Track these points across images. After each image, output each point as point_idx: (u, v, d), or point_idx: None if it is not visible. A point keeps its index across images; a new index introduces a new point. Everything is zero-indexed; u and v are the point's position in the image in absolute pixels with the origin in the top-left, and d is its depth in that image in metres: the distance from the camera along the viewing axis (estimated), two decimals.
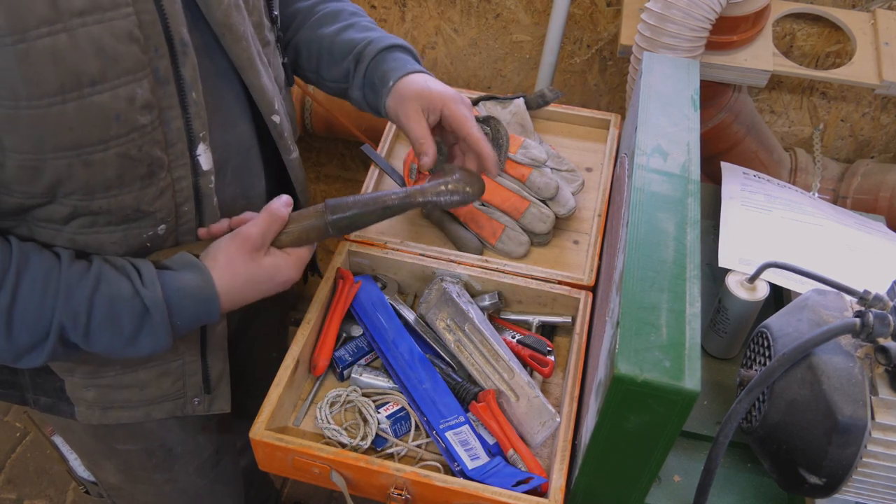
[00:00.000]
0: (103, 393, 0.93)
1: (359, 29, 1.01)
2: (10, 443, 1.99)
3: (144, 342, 0.79)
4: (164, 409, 0.96)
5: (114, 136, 0.71)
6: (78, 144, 0.69)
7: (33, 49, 0.63)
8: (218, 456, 1.15)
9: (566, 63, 1.67)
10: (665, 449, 0.73)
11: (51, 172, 0.70)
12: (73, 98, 0.67)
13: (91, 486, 1.54)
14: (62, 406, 0.95)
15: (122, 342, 0.78)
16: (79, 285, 0.75)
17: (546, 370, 1.01)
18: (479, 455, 0.92)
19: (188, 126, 0.77)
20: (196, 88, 0.77)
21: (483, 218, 1.09)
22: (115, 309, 0.77)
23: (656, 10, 1.19)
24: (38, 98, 0.65)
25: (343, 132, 1.75)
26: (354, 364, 1.02)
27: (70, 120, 0.67)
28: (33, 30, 0.63)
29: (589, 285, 1.05)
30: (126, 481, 1.13)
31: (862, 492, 0.78)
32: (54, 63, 0.64)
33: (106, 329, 0.77)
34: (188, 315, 0.80)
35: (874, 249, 1.07)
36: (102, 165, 0.72)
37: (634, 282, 0.74)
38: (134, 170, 0.74)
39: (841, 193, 1.49)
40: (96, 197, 0.74)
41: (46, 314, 0.74)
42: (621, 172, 1.03)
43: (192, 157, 0.80)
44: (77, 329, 0.76)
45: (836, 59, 1.49)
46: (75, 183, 0.72)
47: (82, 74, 0.66)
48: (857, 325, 0.74)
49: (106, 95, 0.68)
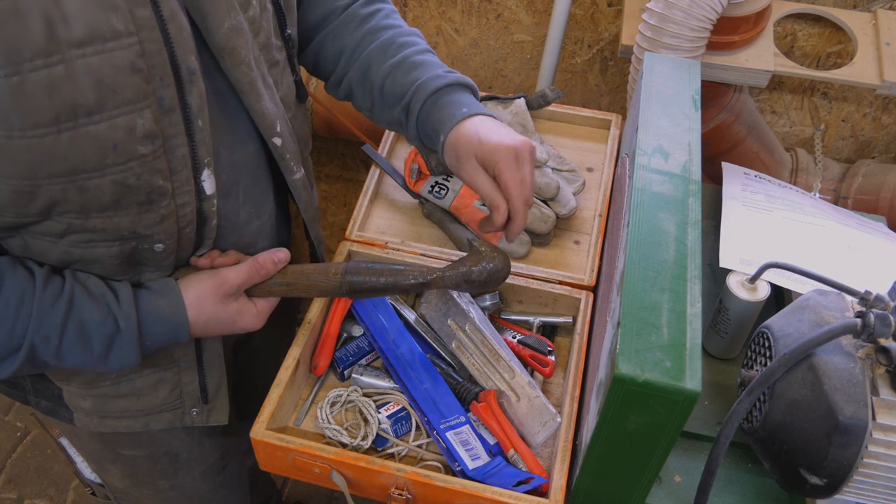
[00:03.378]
0: (100, 402, 0.93)
1: (407, 68, 0.94)
2: (10, 442, 1.99)
3: (114, 360, 0.81)
4: (162, 420, 0.96)
5: (110, 165, 0.69)
6: (72, 172, 0.68)
7: (27, 81, 0.61)
8: (224, 461, 1.15)
9: (567, 63, 1.67)
10: (666, 449, 0.73)
11: (45, 196, 0.69)
12: (68, 128, 0.65)
13: (98, 488, 1.53)
14: (62, 411, 0.95)
15: (92, 360, 0.80)
16: (52, 310, 0.76)
17: (547, 370, 1.01)
18: (479, 455, 0.92)
19: (193, 153, 0.76)
20: (202, 116, 0.75)
21: None
22: (86, 331, 0.78)
23: (657, 11, 1.19)
24: (32, 128, 0.63)
25: (344, 132, 1.75)
26: (355, 364, 1.02)
27: (64, 149, 0.66)
28: (28, 62, 0.61)
29: (590, 285, 1.05)
30: (131, 486, 1.13)
31: (863, 492, 0.78)
32: (49, 95, 0.63)
33: (76, 349, 0.78)
34: (157, 337, 0.82)
35: (875, 250, 1.07)
36: (97, 191, 0.71)
37: (635, 282, 0.74)
38: (131, 196, 0.73)
39: (842, 194, 1.49)
40: (91, 217, 0.73)
41: (18, 334, 0.75)
42: (622, 173, 1.03)
43: (197, 183, 0.79)
44: (48, 349, 0.77)
45: (837, 60, 1.49)
46: (69, 205, 0.71)
47: (78, 106, 0.65)
48: (858, 326, 0.74)
49: (103, 126, 0.67)
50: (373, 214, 1.17)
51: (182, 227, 0.80)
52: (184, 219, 0.80)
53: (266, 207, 0.95)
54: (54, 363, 0.78)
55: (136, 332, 0.80)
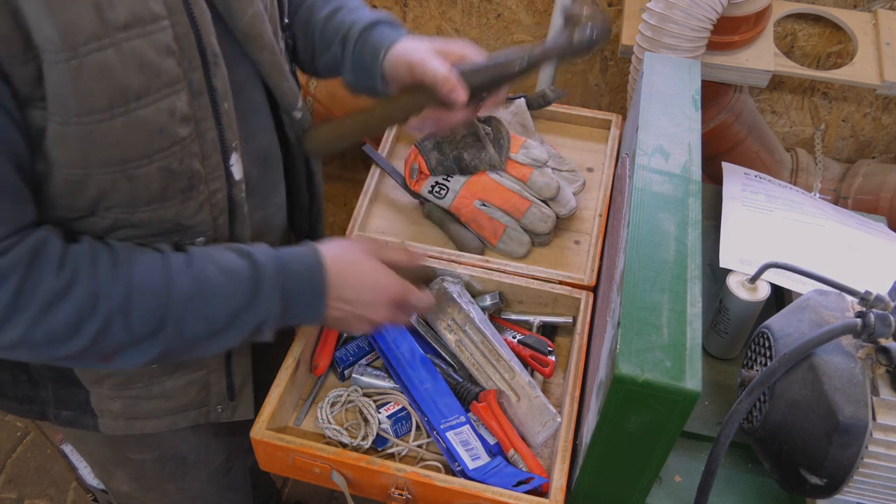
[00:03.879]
0: (130, 404, 0.93)
1: (347, 11, 1.00)
2: (10, 442, 1.99)
3: (260, 305, 0.79)
4: (188, 418, 0.96)
5: (157, 150, 0.72)
6: (123, 160, 0.70)
7: (84, 65, 0.63)
8: (229, 463, 1.15)
9: (567, 63, 1.67)
10: (666, 449, 0.73)
11: (95, 187, 0.71)
12: (121, 114, 0.67)
13: (100, 495, 1.53)
14: (85, 419, 0.94)
15: (239, 307, 0.78)
16: (186, 266, 0.77)
17: (547, 370, 1.01)
18: (479, 455, 0.92)
19: (221, 137, 0.78)
20: (227, 99, 0.78)
21: (484, 218, 1.09)
22: (224, 280, 0.78)
23: (657, 11, 1.19)
24: (88, 114, 0.65)
25: None
26: (355, 364, 1.02)
27: (117, 135, 0.68)
28: (83, 46, 0.63)
29: (590, 285, 1.05)
30: (138, 490, 1.13)
31: (863, 492, 0.78)
32: (103, 79, 0.65)
33: (221, 302, 0.77)
34: (298, 276, 0.82)
35: (875, 250, 1.07)
36: (146, 180, 0.73)
37: (635, 282, 0.74)
38: (175, 183, 0.75)
39: (842, 194, 1.49)
40: (137, 211, 0.75)
41: (162, 301, 0.75)
42: (622, 173, 1.03)
43: (226, 168, 0.80)
44: (193, 308, 0.76)
45: (837, 60, 1.49)
46: (118, 197, 0.73)
47: (128, 89, 0.67)
48: (858, 326, 0.74)
49: (150, 109, 0.69)
50: (373, 214, 1.17)
51: (215, 216, 0.82)
52: (216, 207, 0.81)
53: (271, 200, 0.96)
54: (202, 327, 0.78)
55: (276, 264, 0.80)
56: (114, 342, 0.74)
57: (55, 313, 0.70)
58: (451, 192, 1.11)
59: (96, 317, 0.72)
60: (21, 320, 0.70)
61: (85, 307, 0.72)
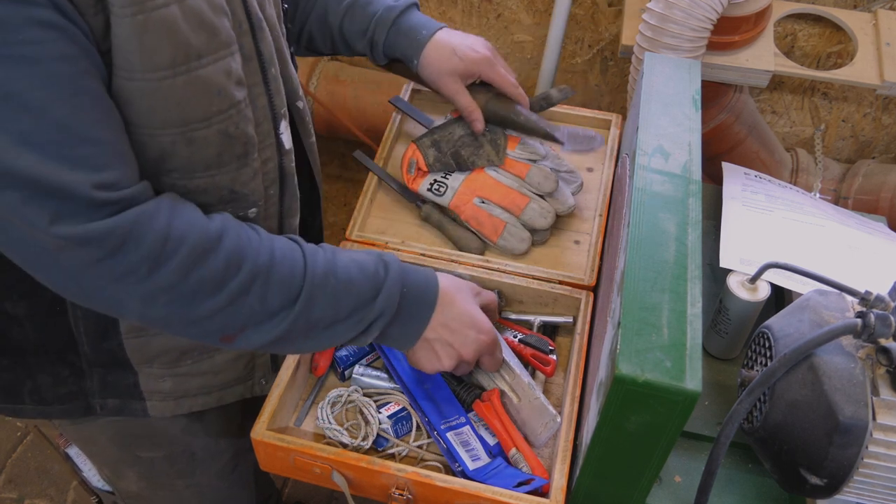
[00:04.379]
0: (180, 382, 0.93)
1: (362, 5, 1.05)
2: (11, 442, 1.99)
3: (378, 302, 0.79)
4: (235, 393, 0.97)
5: (215, 113, 0.72)
6: (184, 121, 0.70)
7: (150, 20, 0.64)
8: (236, 459, 1.15)
9: (567, 63, 1.67)
10: (666, 449, 0.73)
11: (155, 149, 0.71)
12: (183, 72, 0.68)
13: (105, 496, 1.52)
14: (133, 404, 0.94)
15: (362, 302, 0.78)
16: (318, 250, 0.78)
17: (548, 369, 1.01)
18: (479, 456, 0.92)
19: (271, 103, 0.79)
20: (274, 64, 0.79)
21: (483, 215, 1.09)
22: (354, 268, 0.78)
23: (658, 11, 1.20)
24: (152, 71, 0.66)
25: (344, 132, 1.75)
26: (356, 364, 1.02)
27: (179, 94, 0.68)
28: (150, 1, 0.63)
29: (590, 285, 1.05)
30: (147, 488, 1.13)
31: (863, 492, 0.78)
32: (168, 35, 0.65)
33: (349, 289, 0.78)
34: (416, 288, 0.82)
35: (875, 250, 1.07)
36: (204, 143, 0.73)
37: (636, 282, 0.74)
38: (231, 148, 0.76)
39: (842, 194, 1.49)
40: (195, 176, 0.75)
41: (298, 276, 0.75)
42: (622, 173, 1.03)
43: (276, 136, 0.81)
44: (326, 290, 0.76)
45: (837, 60, 1.49)
46: (177, 161, 0.73)
47: (189, 47, 0.67)
48: (858, 326, 0.74)
49: (209, 69, 0.70)
50: (373, 215, 1.17)
51: (267, 186, 0.82)
52: (268, 176, 0.82)
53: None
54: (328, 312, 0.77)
55: (400, 267, 0.81)
56: (247, 311, 0.73)
57: (208, 260, 0.70)
58: (451, 190, 1.11)
59: (241, 274, 0.71)
60: (174, 261, 0.68)
61: (232, 260, 0.71)
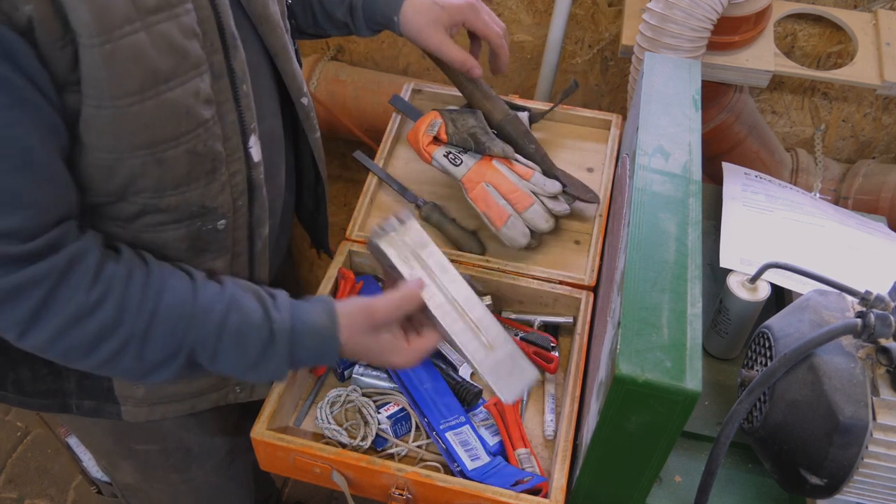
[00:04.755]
0: (153, 389, 0.93)
1: None
2: (11, 442, 1.99)
3: (265, 369, 0.80)
4: (209, 400, 0.97)
5: (184, 133, 0.72)
6: (153, 142, 0.71)
7: (118, 49, 0.64)
8: (232, 455, 1.15)
9: (568, 63, 1.67)
10: (666, 449, 0.73)
11: (125, 171, 0.71)
12: (151, 96, 0.68)
13: (104, 486, 1.53)
14: (107, 407, 0.94)
15: (245, 366, 0.79)
16: (212, 310, 0.76)
17: (551, 366, 1.01)
18: (479, 455, 0.92)
19: (241, 119, 0.79)
20: (246, 81, 0.79)
21: (491, 199, 1.07)
22: (242, 334, 0.78)
23: (658, 11, 1.19)
24: (120, 97, 0.66)
25: (344, 131, 1.75)
26: (355, 364, 1.02)
27: (147, 118, 0.69)
28: (117, 29, 0.64)
29: (590, 285, 1.05)
30: (142, 481, 1.14)
31: (863, 492, 0.78)
32: (136, 62, 0.66)
33: (232, 353, 0.78)
34: (309, 351, 0.81)
35: (875, 250, 1.07)
36: (173, 162, 0.73)
37: (636, 282, 0.74)
38: (200, 165, 0.76)
39: (842, 194, 1.49)
40: (166, 195, 0.76)
41: (178, 337, 0.75)
42: (622, 173, 1.03)
43: (245, 150, 0.81)
44: (205, 352, 0.77)
45: (837, 60, 1.49)
46: (147, 181, 0.73)
47: (158, 72, 0.68)
48: (858, 326, 0.74)
49: (177, 91, 0.70)
50: (373, 215, 1.17)
51: (235, 198, 0.82)
52: (236, 189, 0.82)
53: (274, 182, 0.97)
54: (209, 367, 0.79)
55: (289, 336, 0.79)
56: (124, 367, 0.75)
57: (78, 328, 0.71)
58: (465, 166, 1.08)
59: (114, 340, 0.73)
60: (45, 329, 0.71)
61: (106, 328, 0.72)
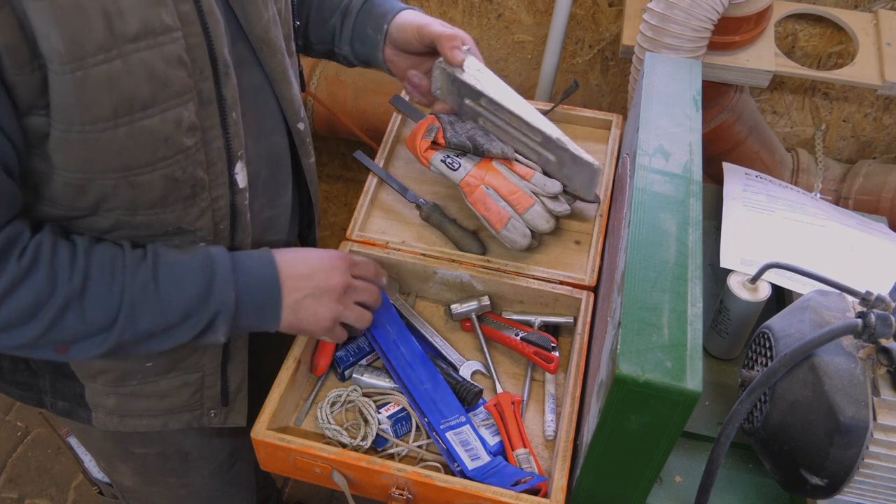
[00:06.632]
0: (123, 401, 0.93)
1: None
2: (11, 442, 1.99)
3: (211, 296, 0.78)
4: (181, 420, 0.96)
5: (161, 159, 0.72)
6: (126, 167, 0.70)
7: (90, 76, 0.63)
8: (233, 459, 1.15)
9: (568, 63, 1.67)
10: (667, 449, 0.73)
11: (96, 191, 0.71)
12: (125, 123, 0.67)
13: (105, 487, 1.53)
14: (79, 411, 0.94)
15: (191, 301, 0.78)
16: (142, 260, 0.76)
17: (552, 366, 1.01)
18: (479, 455, 0.92)
19: (228, 145, 0.78)
20: (236, 108, 0.78)
21: (491, 202, 1.07)
22: (178, 269, 0.77)
23: (658, 11, 1.19)
24: (91, 123, 0.66)
25: (344, 132, 1.75)
26: (355, 364, 1.02)
27: (120, 144, 0.68)
28: (91, 57, 0.63)
29: (590, 286, 1.05)
30: (141, 484, 1.13)
31: (863, 493, 0.78)
32: (109, 89, 0.65)
33: (174, 291, 0.77)
34: (250, 273, 0.81)
35: (876, 250, 1.07)
36: (148, 186, 0.73)
37: (636, 282, 0.74)
38: (178, 191, 0.75)
39: (843, 194, 1.49)
40: (139, 214, 0.75)
41: (116, 289, 0.74)
42: (623, 173, 1.03)
43: (230, 176, 0.80)
44: (146, 299, 0.75)
45: (838, 60, 1.49)
46: (119, 201, 0.73)
47: (134, 100, 0.67)
48: (859, 326, 0.74)
49: (155, 119, 0.69)
50: (373, 215, 1.17)
51: (217, 222, 0.82)
52: (218, 213, 0.81)
53: (280, 200, 0.97)
54: (157, 318, 0.77)
55: (229, 258, 0.79)
56: (69, 330, 0.74)
57: (14, 297, 0.70)
58: (463, 169, 1.09)
59: (53, 303, 0.72)
60: None
61: (42, 293, 0.71)
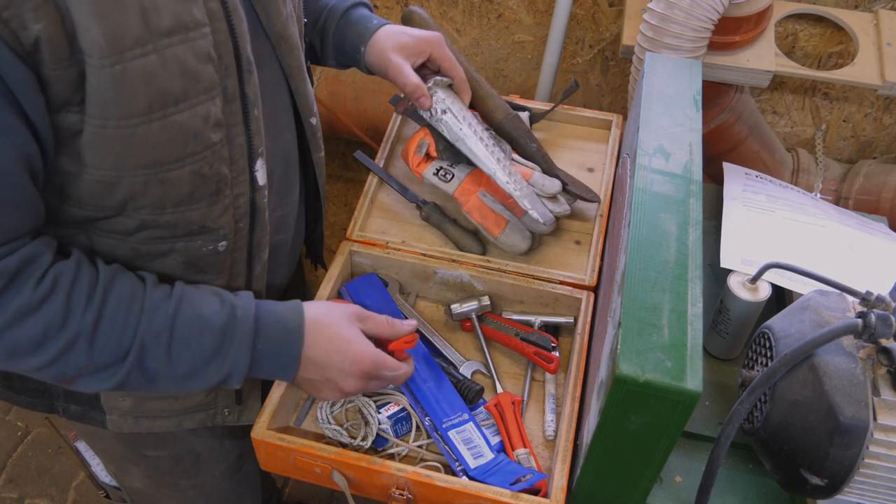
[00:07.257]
0: (139, 402, 0.93)
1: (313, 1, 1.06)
2: (11, 442, 1.99)
3: (225, 360, 0.78)
4: (195, 419, 0.96)
5: (189, 154, 0.72)
6: (157, 163, 0.71)
7: (128, 70, 0.64)
8: (242, 460, 1.16)
9: (568, 63, 1.67)
10: (667, 449, 0.73)
11: (126, 188, 0.71)
12: (158, 118, 0.68)
13: (113, 491, 1.53)
14: (93, 414, 0.94)
15: (202, 360, 0.77)
16: (162, 304, 0.75)
17: (552, 366, 1.01)
18: (482, 453, 0.92)
19: (249, 142, 0.79)
20: (257, 105, 0.78)
21: (487, 209, 1.08)
22: (196, 326, 0.76)
23: (658, 11, 1.19)
24: (127, 118, 0.66)
25: (345, 132, 1.75)
26: None
27: (153, 139, 0.68)
28: (129, 51, 0.63)
29: (591, 286, 1.05)
30: (152, 486, 1.13)
31: (863, 493, 0.78)
32: (146, 84, 0.65)
33: (187, 347, 0.76)
34: (272, 338, 0.79)
35: (876, 250, 1.07)
36: (177, 183, 0.73)
37: (636, 282, 0.74)
38: (204, 187, 0.76)
39: (843, 194, 1.49)
40: (166, 212, 0.75)
41: (129, 333, 0.74)
42: (623, 173, 1.03)
43: (251, 173, 0.81)
44: (158, 348, 0.75)
45: (838, 60, 1.49)
46: (148, 199, 0.73)
47: (168, 95, 0.67)
48: (859, 326, 0.74)
49: (186, 114, 0.70)
50: (374, 215, 1.17)
51: (237, 220, 0.82)
52: (238, 210, 0.82)
53: (290, 199, 0.97)
54: (166, 367, 0.76)
55: (253, 322, 0.78)
56: (73, 365, 0.73)
57: (23, 326, 0.70)
58: (457, 179, 1.09)
59: (61, 337, 0.71)
60: None
61: (53, 327, 0.71)
